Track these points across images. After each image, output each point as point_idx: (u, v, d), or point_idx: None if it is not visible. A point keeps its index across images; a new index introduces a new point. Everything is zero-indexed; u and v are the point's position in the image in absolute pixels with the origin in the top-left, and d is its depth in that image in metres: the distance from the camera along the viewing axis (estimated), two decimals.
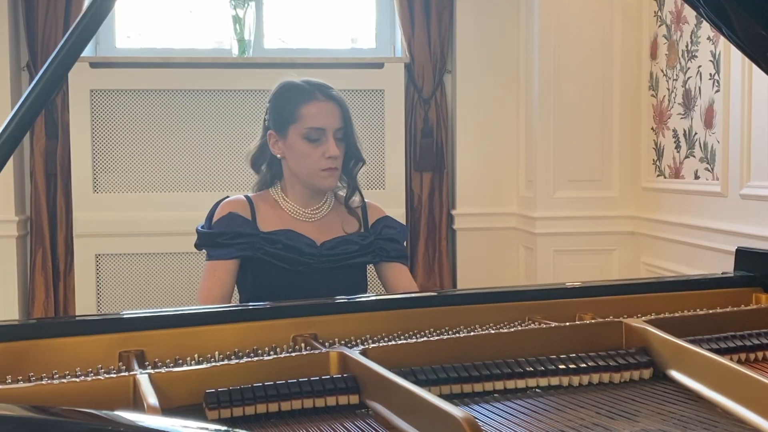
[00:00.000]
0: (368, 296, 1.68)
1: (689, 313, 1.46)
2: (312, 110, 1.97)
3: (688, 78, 3.13)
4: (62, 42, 1.23)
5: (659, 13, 3.36)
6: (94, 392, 1.10)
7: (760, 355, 1.32)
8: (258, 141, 2.11)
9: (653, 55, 3.42)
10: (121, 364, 1.28)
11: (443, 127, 3.74)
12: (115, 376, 1.13)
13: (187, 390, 1.12)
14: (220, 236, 1.96)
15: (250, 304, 1.78)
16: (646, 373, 1.25)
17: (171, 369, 1.17)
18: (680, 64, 3.19)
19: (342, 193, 2.09)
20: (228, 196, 2.08)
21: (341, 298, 1.59)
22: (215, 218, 2.00)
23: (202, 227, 2.03)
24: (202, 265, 3.39)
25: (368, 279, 2.12)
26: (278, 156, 2.04)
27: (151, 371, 1.14)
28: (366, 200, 2.13)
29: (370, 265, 2.09)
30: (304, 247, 1.96)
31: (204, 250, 2.02)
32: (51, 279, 3.55)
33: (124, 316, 1.38)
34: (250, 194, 2.09)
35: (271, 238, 1.96)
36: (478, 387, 1.19)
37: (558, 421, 1.08)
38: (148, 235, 3.50)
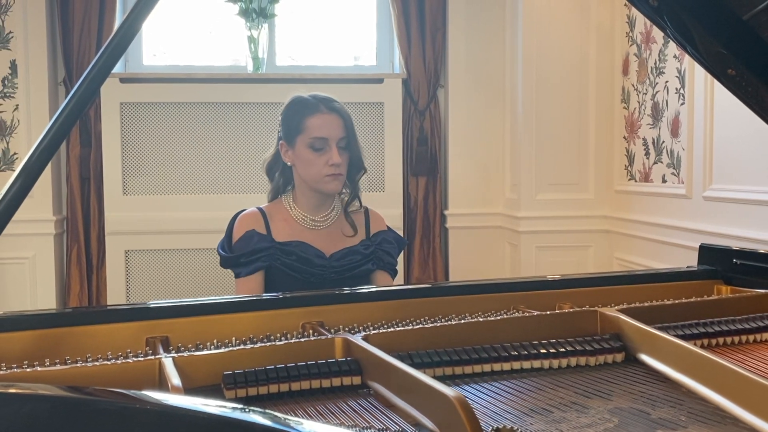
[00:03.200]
0: (369, 288, 1.68)
1: (657, 303, 1.46)
2: (316, 122, 1.97)
3: (657, 92, 3.13)
4: (95, 59, 1.23)
5: (630, 34, 3.36)
6: (124, 374, 1.10)
7: (721, 340, 1.32)
8: (272, 150, 2.10)
9: (625, 72, 3.42)
10: (147, 348, 1.28)
11: (437, 136, 3.74)
12: (142, 359, 1.14)
13: (207, 372, 1.13)
14: (242, 257, 1.95)
15: (264, 295, 1.78)
16: (619, 358, 1.25)
17: (192, 353, 1.17)
18: (649, 79, 3.19)
19: (347, 198, 2.09)
20: (243, 210, 2.06)
21: (345, 290, 1.59)
22: (234, 238, 2.00)
23: (223, 246, 2.02)
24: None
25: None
26: (288, 164, 2.04)
27: (175, 355, 1.14)
28: (369, 209, 2.13)
29: None
30: (315, 259, 1.96)
31: (229, 269, 2.01)
32: (85, 272, 3.55)
33: (151, 306, 1.38)
34: (263, 206, 2.07)
35: (286, 249, 1.96)
36: (468, 369, 1.19)
37: (540, 400, 1.08)
38: (173, 233, 3.50)
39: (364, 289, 1.61)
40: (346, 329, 1.35)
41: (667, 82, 3.05)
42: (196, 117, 3.52)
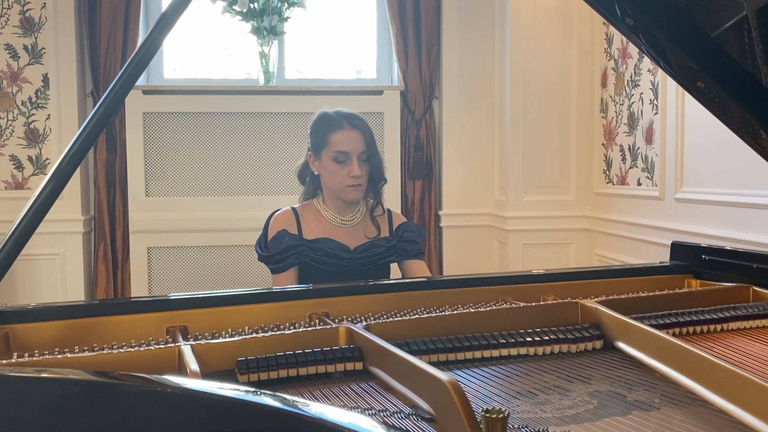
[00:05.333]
0: (371, 281, 1.68)
1: (633, 295, 1.46)
2: (340, 137, 1.98)
3: (632, 103, 3.13)
4: (120, 73, 1.23)
5: (608, 50, 3.36)
6: (146, 360, 1.10)
7: (691, 329, 1.32)
8: (302, 159, 2.12)
9: (603, 84, 3.42)
10: (168, 337, 1.28)
11: (432, 143, 3.74)
12: (163, 346, 1.14)
13: (222, 358, 1.13)
14: (276, 255, 1.97)
15: (275, 288, 1.78)
16: (598, 345, 1.25)
17: (209, 341, 1.17)
18: (626, 91, 3.19)
19: (372, 202, 2.10)
20: (278, 209, 2.08)
21: (349, 283, 1.58)
22: (269, 237, 2.01)
23: (260, 243, 2.03)
24: (236, 255, 3.41)
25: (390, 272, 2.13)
26: (315, 173, 2.05)
27: (193, 343, 1.14)
28: (391, 210, 2.15)
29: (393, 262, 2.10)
30: (340, 253, 1.98)
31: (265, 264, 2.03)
32: (111, 268, 3.55)
33: (171, 298, 1.38)
34: (296, 206, 2.09)
35: (313, 246, 1.97)
36: (460, 356, 1.19)
37: (526, 384, 1.08)
38: (192, 232, 3.50)
39: (366, 282, 1.61)
40: (349, 319, 1.35)
41: (641, 93, 3.05)
42: (212, 125, 3.52)
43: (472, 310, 1.36)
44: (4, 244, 1.13)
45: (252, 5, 3.52)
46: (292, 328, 1.29)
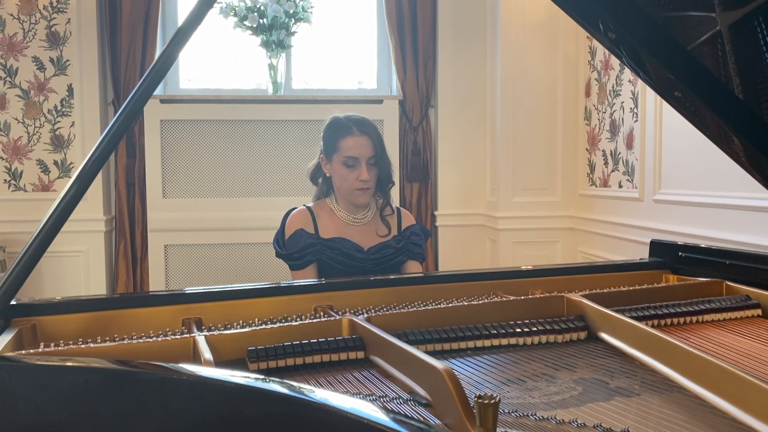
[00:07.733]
0: (372, 277, 1.68)
1: (615, 290, 1.46)
2: (350, 143, 1.96)
3: (614, 111, 3.13)
4: (139, 83, 1.23)
5: (592, 62, 3.36)
6: (163, 349, 1.10)
7: (668, 321, 1.32)
8: (315, 161, 2.10)
9: (587, 94, 3.42)
10: (183, 328, 1.28)
11: (428, 148, 3.74)
12: (179, 337, 1.14)
13: (234, 348, 1.12)
14: (294, 253, 1.95)
15: (283, 282, 1.78)
16: (582, 335, 1.25)
17: (222, 332, 1.17)
18: (608, 100, 3.19)
19: (382, 202, 2.09)
20: (295, 208, 2.06)
21: (351, 278, 1.58)
22: (286, 235, 1.99)
23: (277, 240, 2.01)
24: (247, 252, 3.41)
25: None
26: (327, 175, 2.04)
27: (206, 333, 1.14)
28: (401, 208, 2.13)
29: None
30: (355, 253, 1.96)
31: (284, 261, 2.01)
32: (131, 264, 3.55)
33: (186, 292, 1.38)
34: (310, 204, 2.07)
35: (330, 245, 1.95)
36: (454, 345, 1.19)
37: (515, 371, 1.08)
38: (206, 230, 3.50)
39: (367, 278, 1.61)
40: (352, 311, 1.35)
41: (623, 102, 3.05)
42: (224, 132, 3.52)
43: (466, 303, 1.36)
44: (31, 242, 1.13)
45: (261, 20, 3.52)
46: (298, 319, 1.29)
